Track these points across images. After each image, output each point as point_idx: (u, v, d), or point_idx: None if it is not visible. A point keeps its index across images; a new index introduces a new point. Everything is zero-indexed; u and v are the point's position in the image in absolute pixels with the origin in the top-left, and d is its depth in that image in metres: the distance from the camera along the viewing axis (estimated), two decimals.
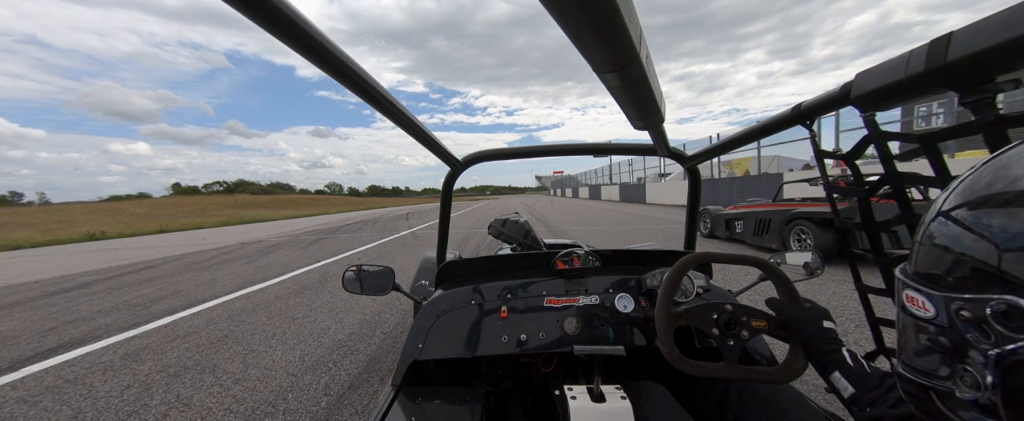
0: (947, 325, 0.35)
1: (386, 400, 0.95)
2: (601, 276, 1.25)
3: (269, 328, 3.48)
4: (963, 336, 0.34)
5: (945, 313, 0.35)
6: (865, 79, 0.61)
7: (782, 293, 0.85)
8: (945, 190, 0.39)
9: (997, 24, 0.43)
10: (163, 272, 6.71)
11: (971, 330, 0.33)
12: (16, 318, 4.21)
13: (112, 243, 13.15)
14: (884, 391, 0.58)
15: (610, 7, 0.38)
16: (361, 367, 2.61)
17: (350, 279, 1.36)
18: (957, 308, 0.34)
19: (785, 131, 0.93)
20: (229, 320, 3.78)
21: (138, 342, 3.30)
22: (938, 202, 0.39)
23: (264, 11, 0.42)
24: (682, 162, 1.44)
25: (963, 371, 0.34)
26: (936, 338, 0.36)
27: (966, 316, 0.33)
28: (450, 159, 1.36)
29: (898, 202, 0.72)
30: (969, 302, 0.33)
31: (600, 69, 0.53)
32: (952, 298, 0.35)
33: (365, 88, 0.63)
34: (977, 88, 0.51)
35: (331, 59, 0.54)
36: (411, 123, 0.87)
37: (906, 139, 0.67)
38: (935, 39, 0.50)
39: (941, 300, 0.36)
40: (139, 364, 2.83)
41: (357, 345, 3.01)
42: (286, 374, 2.55)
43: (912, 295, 0.39)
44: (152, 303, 4.59)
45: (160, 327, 3.69)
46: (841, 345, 0.69)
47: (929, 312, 0.37)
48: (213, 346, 3.13)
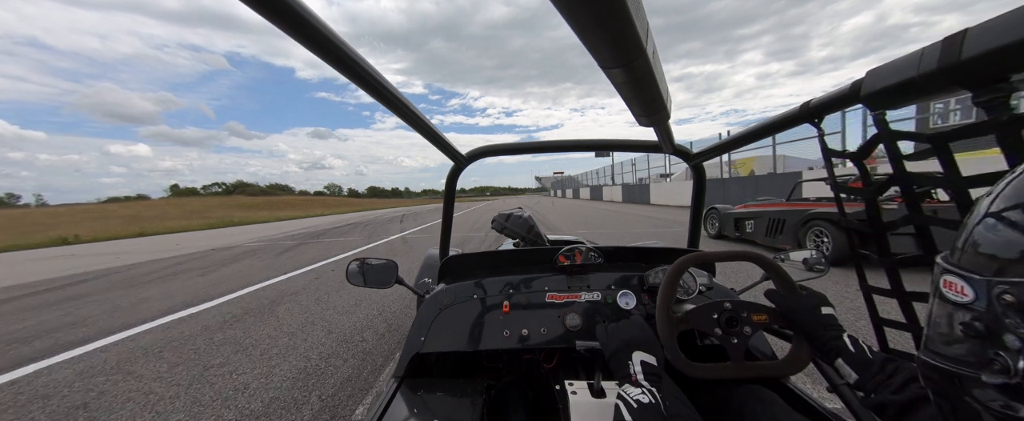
0: (984, 310, 0.36)
1: (389, 391, 0.95)
2: (603, 273, 1.25)
3: (158, 389, 2.33)
4: (1001, 320, 0.34)
5: (985, 297, 0.36)
6: (876, 77, 0.61)
7: (780, 284, 0.85)
8: (1000, 182, 0.39)
9: (1013, 21, 0.42)
10: (94, 288, 5.58)
11: (1011, 314, 0.34)
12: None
13: (75, 249, 12.19)
14: (887, 376, 0.61)
15: (617, 1, 0.37)
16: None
17: (354, 272, 1.38)
18: (1000, 292, 0.35)
19: (795, 129, 0.91)
20: (111, 373, 2.63)
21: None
22: (992, 192, 0.39)
23: (275, 8, 0.43)
24: (687, 159, 1.41)
25: (994, 355, 0.35)
26: (971, 323, 0.37)
27: (1008, 300, 0.34)
28: (454, 154, 1.31)
29: (906, 203, 0.72)
30: (1013, 286, 0.34)
31: (606, 64, 0.52)
32: (995, 282, 0.35)
33: (371, 83, 0.63)
34: (991, 87, 0.50)
35: (339, 55, 0.53)
36: (416, 118, 0.83)
37: (917, 139, 0.67)
38: (949, 36, 0.49)
39: (983, 284, 0.36)
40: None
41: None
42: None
43: (951, 280, 0.39)
44: (32, 338, 3.45)
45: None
46: (842, 331, 0.71)
47: (967, 297, 0.37)
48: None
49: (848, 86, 0.67)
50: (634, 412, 0.62)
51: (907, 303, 0.76)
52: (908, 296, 0.75)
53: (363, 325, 3.32)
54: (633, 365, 0.73)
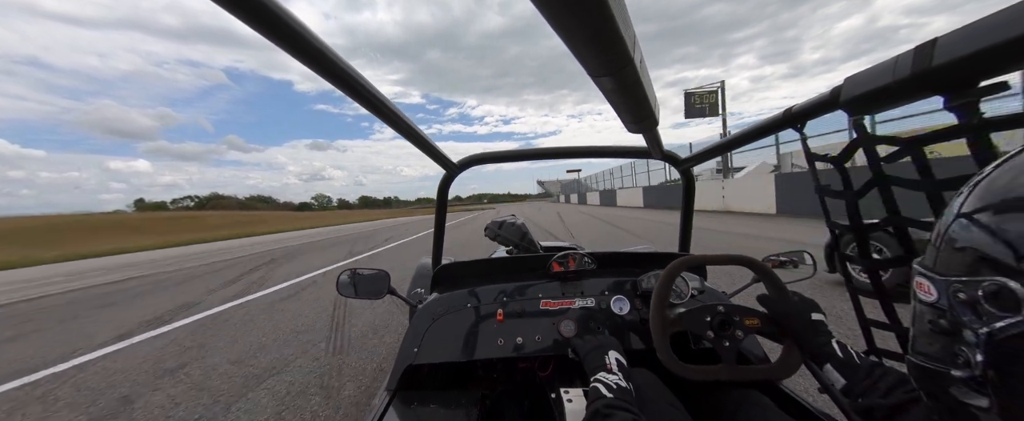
0: (947, 308, 0.37)
1: (381, 405, 0.94)
2: (597, 278, 1.24)
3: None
4: (959, 317, 0.36)
5: (945, 296, 0.38)
6: (853, 83, 0.62)
7: (772, 289, 0.87)
8: (967, 185, 0.40)
9: (981, 29, 0.44)
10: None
11: (966, 311, 0.35)
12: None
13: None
14: (874, 381, 0.62)
15: (604, 12, 0.38)
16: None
17: (345, 283, 1.36)
18: (954, 290, 0.37)
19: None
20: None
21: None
22: (957, 199, 0.40)
23: (269, 23, 0.44)
24: (676, 165, 1.44)
25: (958, 350, 0.36)
26: (937, 321, 0.39)
27: (962, 298, 0.36)
28: (445, 162, 1.32)
29: (885, 205, 0.73)
30: (965, 284, 0.36)
31: (595, 73, 0.53)
32: (950, 281, 0.37)
33: (362, 92, 0.64)
34: (962, 92, 0.52)
35: (330, 67, 0.54)
36: (407, 127, 0.85)
37: (893, 142, 0.68)
38: (921, 44, 0.51)
39: (942, 284, 0.38)
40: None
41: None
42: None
43: (921, 281, 0.41)
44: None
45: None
46: (831, 337, 0.74)
47: (933, 296, 0.39)
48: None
49: (828, 92, 0.69)
50: (613, 391, 0.69)
51: (888, 304, 0.77)
52: (888, 297, 0.77)
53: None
54: (608, 359, 0.78)
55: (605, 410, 0.64)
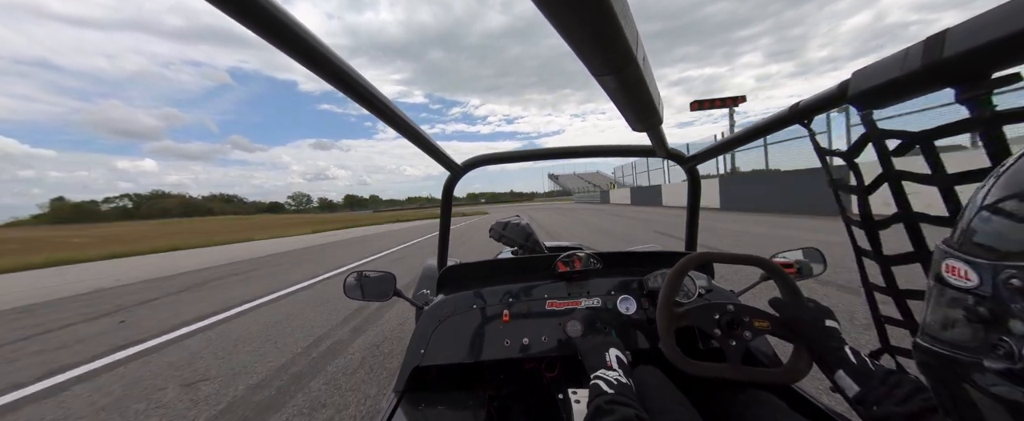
0: (990, 295, 0.35)
1: (389, 406, 0.93)
2: (603, 278, 1.23)
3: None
4: (1007, 306, 0.34)
5: (990, 282, 0.35)
6: (862, 77, 0.61)
7: (785, 292, 0.85)
8: (1003, 166, 0.37)
9: (993, 19, 0.43)
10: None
11: (1019, 300, 0.33)
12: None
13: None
14: (889, 388, 0.59)
15: (605, 10, 0.38)
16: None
17: (351, 285, 1.35)
18: (1007, 277, 0.34)
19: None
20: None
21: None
22: (995, 175, 0.37)
23: (270, 26, 0.44)
24: (681, 163, 1.43)
25: (998, 340, 0.34)
26: (974, 308, 0.36)
27: (1016, 285, 0.33)
28: (450, 164, 1.34)
29: (895, 200, 0.71)
30: (1021, 271, 0.33)
31: (598, 72, 0.53)
32: (1003, 266, 0.34)
33: (364, 94, 0.63)
34: (972, 84, 0.50)
35: (332, 68, 0.55)
36: (411, 129, 0.85)
37: (903, 136, 0.65)
38: (931, 36, 0.50)
39: (989, 269, 0.35)
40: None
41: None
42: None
43: (954, 264, 0.38)
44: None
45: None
46: (844, 344, 0.71)
47: (971, 282, 0.36)
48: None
49: (836, 87, 0.67)
50: (613, 387, 0.69)
51: (902, 300, 0.76)
52: (903, 294, 0.75)
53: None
54: (608, 357, 0.78)
55: (606, 406, 0.64)
